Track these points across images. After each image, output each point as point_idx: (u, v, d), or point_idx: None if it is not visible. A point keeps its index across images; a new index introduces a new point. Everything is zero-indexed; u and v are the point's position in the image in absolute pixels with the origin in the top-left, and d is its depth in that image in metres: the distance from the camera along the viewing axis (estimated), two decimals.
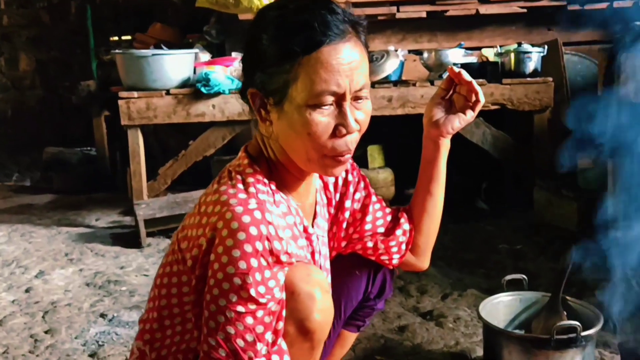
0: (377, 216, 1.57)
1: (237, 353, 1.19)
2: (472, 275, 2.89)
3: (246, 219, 1.18)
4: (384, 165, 4.16)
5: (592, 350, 1.91)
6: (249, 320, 1.18)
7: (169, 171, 3.98)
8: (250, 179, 1.27)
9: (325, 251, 1.49)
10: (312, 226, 1.43)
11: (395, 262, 1.60)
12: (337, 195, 1.54)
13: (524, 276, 2.14)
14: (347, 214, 1.55)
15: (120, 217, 4.21)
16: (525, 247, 3.23)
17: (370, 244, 1.57)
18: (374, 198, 1.57)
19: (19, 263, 3.32)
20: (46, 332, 2.47)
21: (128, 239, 3.66)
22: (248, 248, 1.17)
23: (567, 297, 2.05)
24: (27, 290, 2.92)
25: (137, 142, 3.85)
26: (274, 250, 1.20)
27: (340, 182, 1.54)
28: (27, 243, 3.69)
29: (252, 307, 1.18)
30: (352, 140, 1.26)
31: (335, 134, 1.23)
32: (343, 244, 1.58)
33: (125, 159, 4.32)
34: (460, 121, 1.49)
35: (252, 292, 1.17)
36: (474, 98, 1.46)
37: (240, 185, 1.26)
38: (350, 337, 1.74)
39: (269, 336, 1.21)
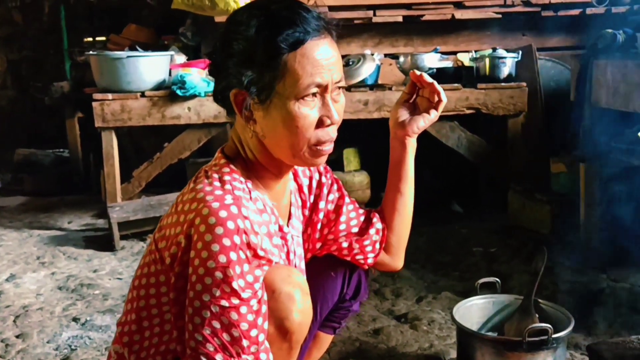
0: (351, 217, 1.59)
1: (225, 347, 1.20)
2: (446, 278, 2.91)
3: (223, 213, 1.20)
4: (360, 168, 4.17)
5: (564, 352, 1.94)
6: (234, 315, 1.20)
7: (143, 174, 3.95)
8: (227, 177, 1.29)
9: (300, 252, 1.51)
10: (287, 226, 1.44)
11: (370, 261, 1.62)
12: (312, 197, 1.56)
13: (497, 279, 2.16)
14: (321, 215, 1.57)
15: (93, 219, 4.16)
16: (499, 249, 3.26)
17: (345, 244, 1.59)
18: (347, 199, 1.60)
19: None
20: (17, 337, 2.43)
21: (101, 242, 3.61)
22: (226, 242, 1.19)
23: (540, 300, 2.07)
24: None
25: (111, 145, 3.81)
26: (251, 243, 1.22)
27: (314, 184, 1.57)
28: None
29: (236, 301, 1.19)
30: (334, 130, 1.32)
31: (320, 125, 1.29)
32: (318, 245, 1.60)
33: (98, 160, 4.28)
34: (424, 121, 1.53)
35: (235, 285, 1.19)
36: (436, 98, 1.51)
37: (217, 183, 1.28)
38: (326, 339, 1.76)
39: (254, 333, 1.22)
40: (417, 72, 1.49)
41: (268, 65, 1.24)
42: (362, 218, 1.61)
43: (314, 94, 1.27)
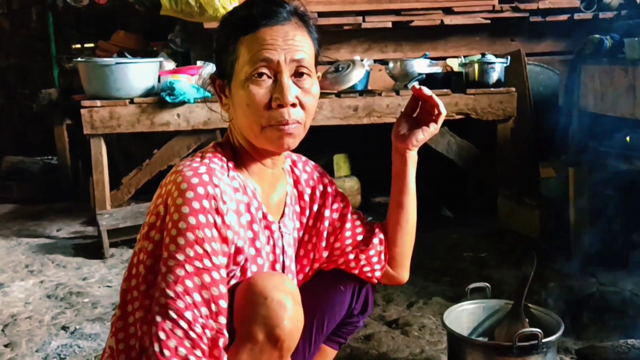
0: (356, 224, 1.61)
1: (196, 305, 1.23)
2: (437, 283, 2.91)
3: (194, 180, 1.27)
4: (350, 173, 4.18)
5: (554, 356, 1.93)
6: (206, 277, 1.24)
7: (132, 180, 3.93)
8: (209, 155, 1.37)
9: (290, 253, 1.52)
10: (279, 223, 1.46)
11: (377, 274, 1.63)
12: (315, 206, 1.58)
13: (487, 284, 2.17)
14: (326, 223, 1.59)
15: (82, 227, 4.13)
16: (489, 254, 3.26)
17: (351, 257, 1.60)
18: (351, 209, 1.63)
19: None
20: (6, 346, 2.41)
21: (90, 249, 3.59)
22: (196, 205, 1.25)
23: (529, 305, 2.07)
24: None
25: (100, 152, 3.79)
26: (219, 209, 1.27)
27: (318, 194, 1.59)
28: None
29: (208, 264, 1.25)
30: (293, 113, 1.32)
31: (272, 105, 1.31)
32: (325, 254, 1.60)
33: (87, 168, 4.26)
34: (424, 134, 1.55)
35: (207, 247, 1.25)
36: (436, 111, 1.52)
37: (197, 159, 1.34)
38: (330, 354, 1.75)
39: (223, 305, 1.26)
40: (417, 86, 1.50)
41: (227, 49, 1.34)
42: (366, 228, 1.62)
43: (263, 74, 1.30)
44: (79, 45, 5.28)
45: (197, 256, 1.23)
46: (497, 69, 3.78)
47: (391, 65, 3.96)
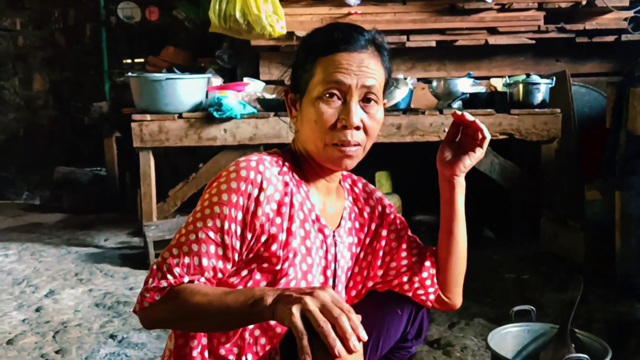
0: (412, 246, 1.62)
1: (189, 269, 1.29)
2: (479, 304, 2.90)
3: (243, 164, 1.36)
4: (392, 191, 4.19)
5: None
6: (203, 246, 1.30)
7: (179, 193, 4.02)
8: (265, 153, 1.44)
9: (343, 264, 1.54)
10: (334, 232, 1.50)
11: (432, 297, 1.61)
12: (373, 225, 1.61)
13: (532, 307, 2.15)
14: (383, 243, 1.60)
15: (129, 237, 4.24)
16: (531, 276, 3.24)
17: (405, 279, 1.59)
18: (409, 232, 1.64)
19: (29, 282, 3.35)
20: (57, 352, 2.49)
21: (137, 260, 3.68)
22: (234, 185, 1.33)
23: (576, 330, 2.06)
24: (37, 310, 2.95)
25: (149, 164, 3.89)
26: (258, 198, 1.33)
27: (376, 213, 1.61)
28: (37, 262, 3.72)
29: (212, 236, 1.31)
30: (355, 135, 1.38)
31: (337, 125, 1.37)
32: (380, 272, 1.61)
33: (135, 179, 4.36)
34: (470, 159, 1.53)
35: (226, 224, 1.31)
36: (480, 136, 1.51)
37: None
38: None
39: (208, 275, 1.31)
40: (459, 112, 1.49)
41: (305, 67, 1.40)
42: (421, 251, 1.62)
43: (334, 94, 1.36)
44: (129, 60, 5.43)
45: (214, 228, 1.30)
46: (542, 90, 3.76)
47: (435, 84, 3.97)
